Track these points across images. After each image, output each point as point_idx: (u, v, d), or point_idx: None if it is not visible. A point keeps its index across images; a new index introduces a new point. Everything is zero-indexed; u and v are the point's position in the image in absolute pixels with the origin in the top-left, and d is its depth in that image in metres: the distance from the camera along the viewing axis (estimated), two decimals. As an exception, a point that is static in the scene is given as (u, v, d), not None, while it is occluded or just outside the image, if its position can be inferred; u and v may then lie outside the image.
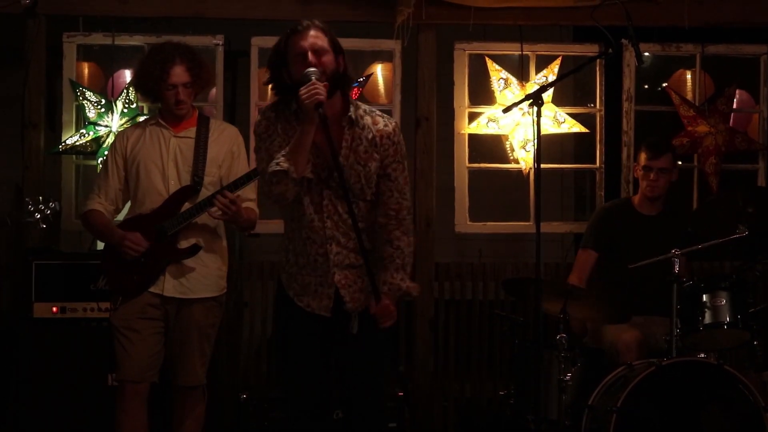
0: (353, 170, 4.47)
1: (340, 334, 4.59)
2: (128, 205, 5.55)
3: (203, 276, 5.38)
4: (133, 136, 5.50)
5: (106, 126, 6.95)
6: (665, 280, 5.74)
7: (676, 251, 5.72)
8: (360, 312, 4.56)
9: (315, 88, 4.25)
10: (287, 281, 4.66)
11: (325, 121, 4.28)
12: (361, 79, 7.14)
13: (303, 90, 4.26)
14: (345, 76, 4.48)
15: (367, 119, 4.54)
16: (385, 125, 4.55)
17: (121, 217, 5.57)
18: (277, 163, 4.34)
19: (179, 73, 5.35)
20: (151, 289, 5.31)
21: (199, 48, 6.01)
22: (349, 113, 4.49)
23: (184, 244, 5.34)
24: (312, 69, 4.32)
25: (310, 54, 4.37)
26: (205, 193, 5.33)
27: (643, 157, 6.45)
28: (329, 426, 4.72)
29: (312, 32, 4.42)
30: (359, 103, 4.62)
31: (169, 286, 5.32)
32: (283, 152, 4.37)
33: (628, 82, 7.28)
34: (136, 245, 5.28)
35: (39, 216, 5.69)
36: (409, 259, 4.63)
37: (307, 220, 4.50)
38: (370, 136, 4.51)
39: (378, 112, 4.62)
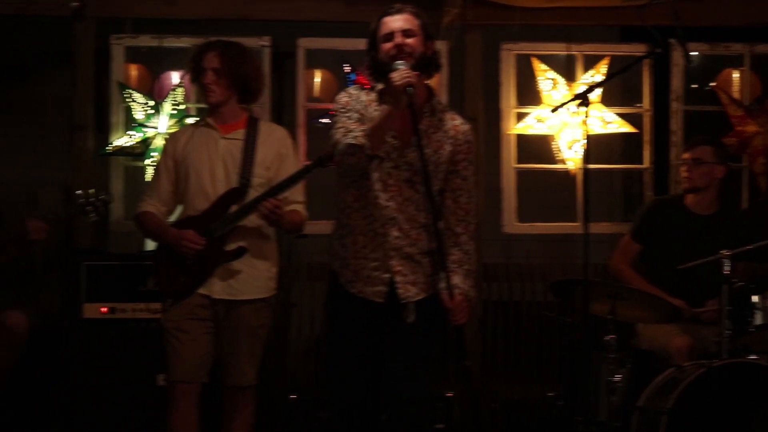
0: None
1: (393, 323, 4.57)
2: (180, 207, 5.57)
3: (252, 277, 5.36)
4: (183, 138, 5.50)
5: (154, 127, 6.99)
6: (715, 281, 5.69)
7: (725, 252, 5.68)
8: (417, 302, 4.56)
9: (407, 72, 4.36)
10: (339, 268, 4.66)
11: (412, 106, 4.34)
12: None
13: (395, 73, 4.36)
14: (433, 61, 4.59)
15: (447, 114, 4.67)
16: (462, 123, 4.70)
17: (173, 218, 5.59)
18: (355, 137, 4.42)
19: (210, 58, 5.36)
20: (200, 291, 5.31)
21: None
22: (432, 101, 4.62)
23: (231, 246, 5.33)
24: (401, 61, 4.43)
25: (397, 34, 4.50)
26: (253, 194, 5.31)
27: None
28: (375, 427, 4.67)
29: (403, 15, 4.55)
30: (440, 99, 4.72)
31: (217, 288, 5.31)
32: (363, 128, 4.45)
33: (676, 82, 7.24)
34: (194, 243, 5.28)
35: (90, 208, 5.77)
36: (475, 266, 4.68)
37: (373, 197, 4.53)
38: (445, 127, 4.62)
39: (455, 112, 4.75)
